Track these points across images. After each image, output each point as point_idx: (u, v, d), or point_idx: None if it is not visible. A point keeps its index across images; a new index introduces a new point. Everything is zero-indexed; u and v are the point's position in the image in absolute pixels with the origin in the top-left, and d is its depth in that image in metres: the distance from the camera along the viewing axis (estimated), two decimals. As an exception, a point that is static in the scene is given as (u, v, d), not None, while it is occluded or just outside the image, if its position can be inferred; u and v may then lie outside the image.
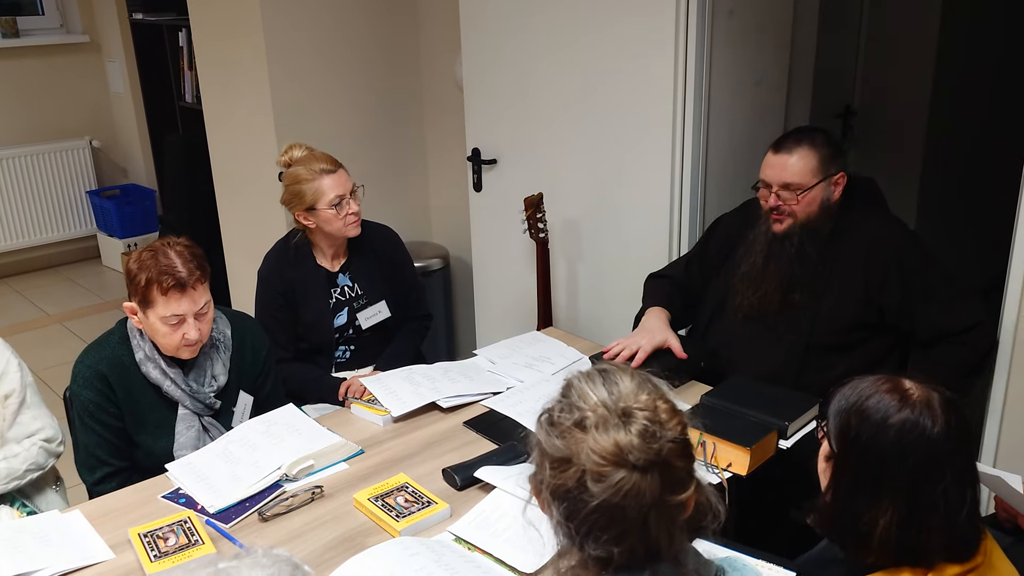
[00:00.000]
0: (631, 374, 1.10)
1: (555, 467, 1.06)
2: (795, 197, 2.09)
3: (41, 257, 5.37)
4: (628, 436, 1.02)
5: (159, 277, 1.85)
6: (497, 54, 2.85)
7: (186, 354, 1.95)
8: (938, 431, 1.20)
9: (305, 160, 2.37)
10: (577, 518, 1.04)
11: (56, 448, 2.09)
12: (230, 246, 3.80)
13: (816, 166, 2.09)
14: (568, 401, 1.08)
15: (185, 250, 1.91)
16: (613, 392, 1.07)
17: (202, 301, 1.91)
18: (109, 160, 5.55)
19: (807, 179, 2.09)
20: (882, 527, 1.21)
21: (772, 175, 2.12)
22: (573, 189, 2.78)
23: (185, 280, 1.86)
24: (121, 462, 1.97)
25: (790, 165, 2.09)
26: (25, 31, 5.10)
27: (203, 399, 2.00)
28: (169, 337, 1.90)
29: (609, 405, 1.05)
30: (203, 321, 1.93)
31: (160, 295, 1.86)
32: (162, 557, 1.55)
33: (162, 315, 1.87)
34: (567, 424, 1.06)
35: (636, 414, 1.04)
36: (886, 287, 2.10)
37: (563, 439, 1.05)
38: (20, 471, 2.01)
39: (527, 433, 1.14)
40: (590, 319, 2.88)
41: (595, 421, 1.04)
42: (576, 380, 1.11)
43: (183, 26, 4.25)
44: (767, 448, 1.82)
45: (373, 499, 1.70)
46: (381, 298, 2.53)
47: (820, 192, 2.10)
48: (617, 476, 1.01)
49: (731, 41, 2.54)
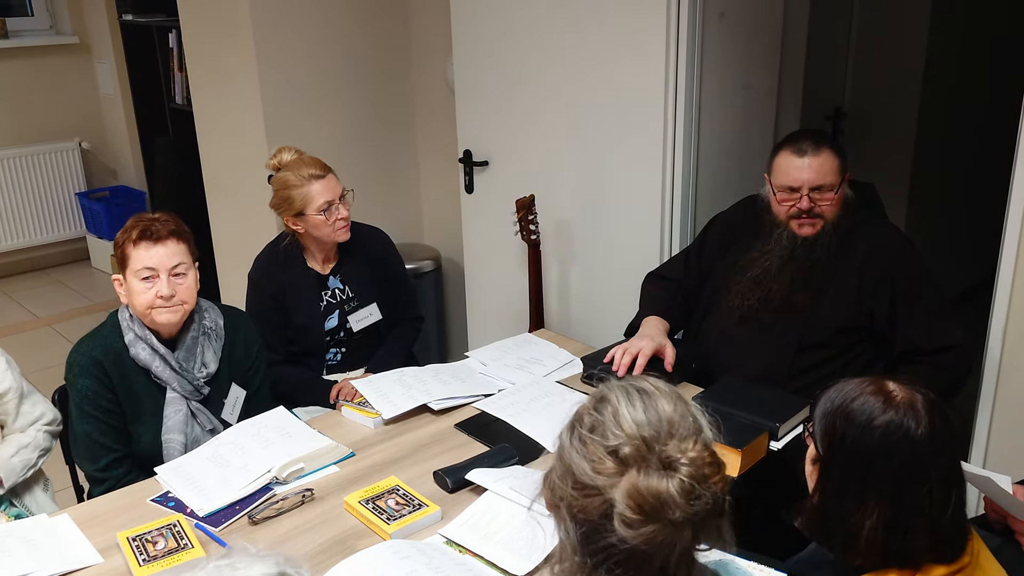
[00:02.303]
0: (670, 397, 1.03)
1: (579, 489, 1.00)
2: (829, 197, 2.09)
3: (30, 259, 5.34)
4: (669, 489, 0.96)
5: (131, 231, 1.92)
6: (488, 56, 2.85)
7: (163, 316, 1.93)
8: (922, 432, 1.20)
9: (294, 165, 2.36)
10: (594, 545, 1.00)
11: (56, 428, 2.14)
12: (220, 248, 3.79)
13: (840, 164, 2.10)
14: (601, 418, 1.01)
15: (163, 215, 1.97)
16: (652, 419, 1.00)
17: (176, 259, 1.93)
18: (99, 162, 5.53)
19: (837, 178, 2.09)
20: (868, 528, 1.21)
21: (803, 178, 2.08)
22: (565, 191, 2.78)
23: (156, 231, 1.91)
24: (125, 448, 1.98)
25: (820, 166, 2.07)
26: (14, 32, 5.07)
27: (191, 380, 1.99)
28: (143, 295, 1.91)
29: (648, 440, 0.98)
30: (181, 284, 1.94)
31: (132, 248, 1.91)
32: (151, 561, 1.54)
33: (135, 268, 1.90)
34: (598, 447, 0.99)
35: (679, 467, 0.97)
36: (877, 294, 2.11)
37: (591, 463, 0.99)
38: (34, 459, 2.06)
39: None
40: (582, 321, 2.88)
41: (632, 457, 0.98)
42: (612, 394, 1.03)
43: (173, 27, 4.23)
44: (758, 449, 1.83)
45: (364, 502, 1.70)
46: (372, 300, 2.52)
47: (844, 190, 2.12)
48: (650, 528, 0.96)
49: (722, 43, 2.54)
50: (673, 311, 2.34)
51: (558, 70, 2.67)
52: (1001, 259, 2.04)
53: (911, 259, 2.14)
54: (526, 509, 1.52)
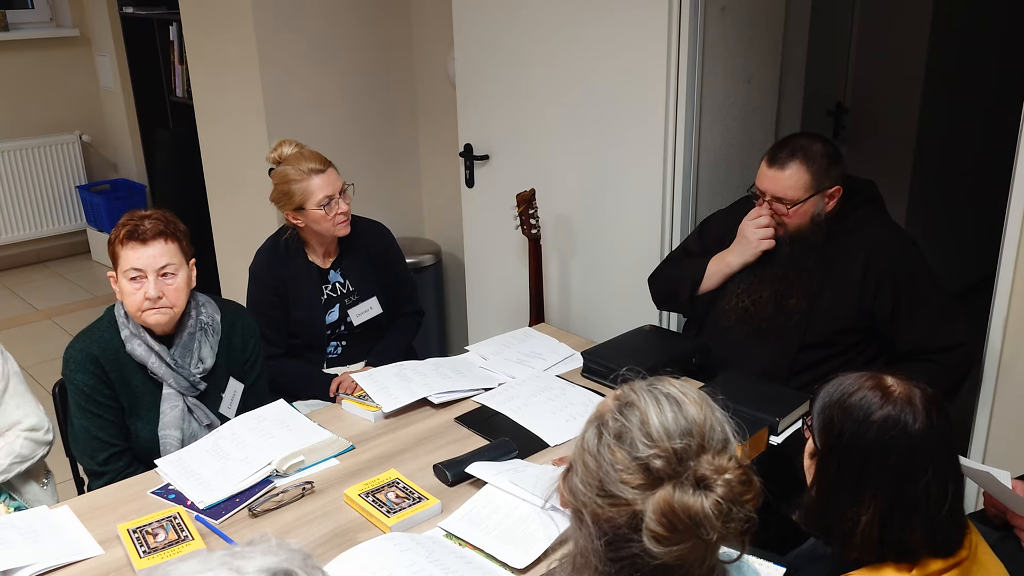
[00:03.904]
0: (697, 403, 1.00)
1: (605, 498, 0.97)
2: (786, 210, 2.10)
3: (30, 252, 5.35)
4: (704, 508, 0.94)
5: (120, 229, 1.90)
6: (490, 50, 2.85)
7: (153, 317, 1.92)
8: (919, 427, 1.20)
9: (294, 159, 2.36)
10: (618, 554, 0.98)
11: (43, 437, 2.07)
12: (221, 242, 3.79)
13: (808, 181, 2.08)
14: (628, 424, 0.98)
15: (156, 213, 1.94)
16: (682, 428, 0.97)
17: (163, 259, 1.90)
18: (99, 155, 5.53)
19: (798, 194, 2.09)
20: (865, 523, 1.21)
21: (765, 186, 2.13)
22: (565, 185, 2.78)
23: (143, 231, 1.89)
24: (124, 442, 1.97)
25: (782, 179, 2.09)
26: (15, 25, 5.07)
27: (187, 376, 1.99)
28: (132, 296, 1.90)
29: (680, 452, 0.95)
30: (169, 286, 1.91)
31: (120, 248, 1.90)
32: (151, 553, 1.54)
33: (123, 269, 1.89)
34: (627, 457, 0.96)
35: (715, 487, 0.95)
36: (879, 295, 2.11)
37: (619, 473, 0.96)
38: (4, 465, 1.99)
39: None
40: (582, 315, 2.88)
41: (664, 471, 0.95)
42: (639, 398, 1.00)
43: (174, 20, 4.22)
44: (758, 444, 1.83)
45: (364, 495, 1.70)
46: (373, 294, 2.52)
47: (812, 206, 2.10)
48: (682, 547, 0.95)
49: (723, 38, 2.54)
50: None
51: (559, 64, 2.67)
52: (1002, 255, 2.04)
53: (913, 258, 2.14)
54: (536, 510, 1.52)
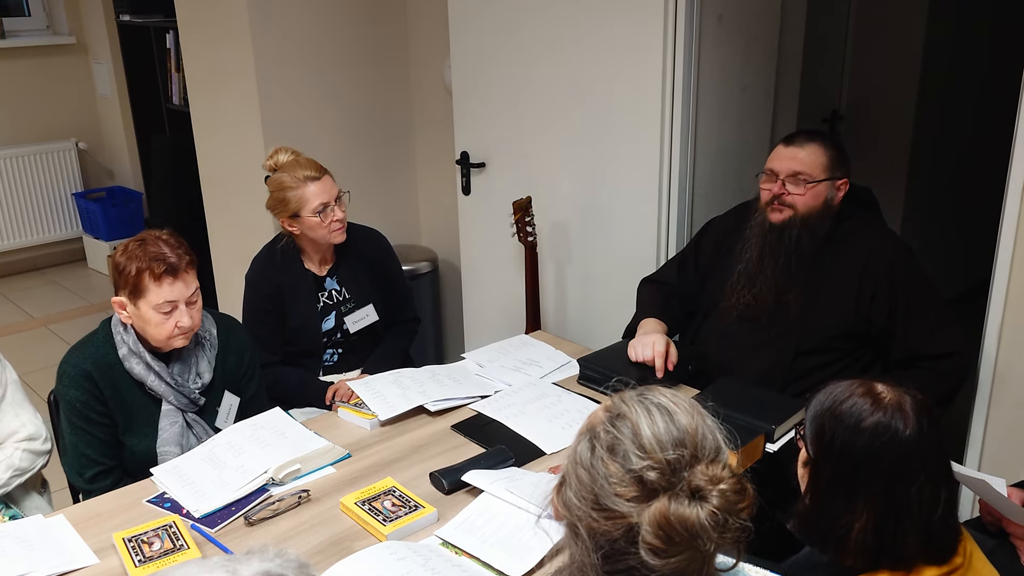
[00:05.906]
0: (689, 412, 1.00)
1: (600, 511, 0.97)
2: (802, 188, 2.11)
3: (26, 259, 5.34)
4: (700, 519, 0.94)
5: (151, 264, 1.86)
6: (486, 58, 2.86)
7: (179, 342, 1.94)
8: (910, 433, 1.21)
9: (290, 166, 2.36)
10: (615, 567, 0.98)
11: (41, 446, 2.06)
12: (217, 249, 3.79)
13: (826, 163, 2.12)
14: (620, 436, 0.98)
15: (171, 238, 1.93)
16: (674, 439, 0.97)
17: (193, 287, 1.92)
18: (95, 162, 5.53)
19: (816, 172, 2.11)
20: (858, 529, 1.22)
21: (782, 165, 2.14)
22: (562, 193, 2.78)
23: (176, 265, 1.87)
24: (112, 460, 1.96)
25: (802, 155, 2.12)
26: (11, 32, 5.07)
27: (187, 393, 1.99)
28: (162, 327, 1.89)
29: (673, 463, 0.95)
30: (194, 309, 1.93)
31: (153, 282, 1.86)
32: (147, 562, 1.54)
33: (155, 303, 1.87)
34: (620, 470, 0.96)
35: (710, 497, 0.95)
36: (876, 301, 2.11)
37: (613, 486, 0.96)
38: (3, 479, 1.99)
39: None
40: (578, 323, 2.88)
41: (658, 483, 0.94)
42: (630, 410, 1.00)
43: (171, 28, 4.23)
44: (754, 451, 1.83)
45: (360, 503, 1.70)
46: (369, 302, 2.52)
47: (825, 190, 2.12)
48: (679, 558, 0.95)
49: (719, 46, 2.55)
50: (669, 313, 2.35)
51: (556, 72, 2.68)
52: (996, 261, 2.04)
53: (909, 265, 2.15)
54: (532, 518, 1.51)
